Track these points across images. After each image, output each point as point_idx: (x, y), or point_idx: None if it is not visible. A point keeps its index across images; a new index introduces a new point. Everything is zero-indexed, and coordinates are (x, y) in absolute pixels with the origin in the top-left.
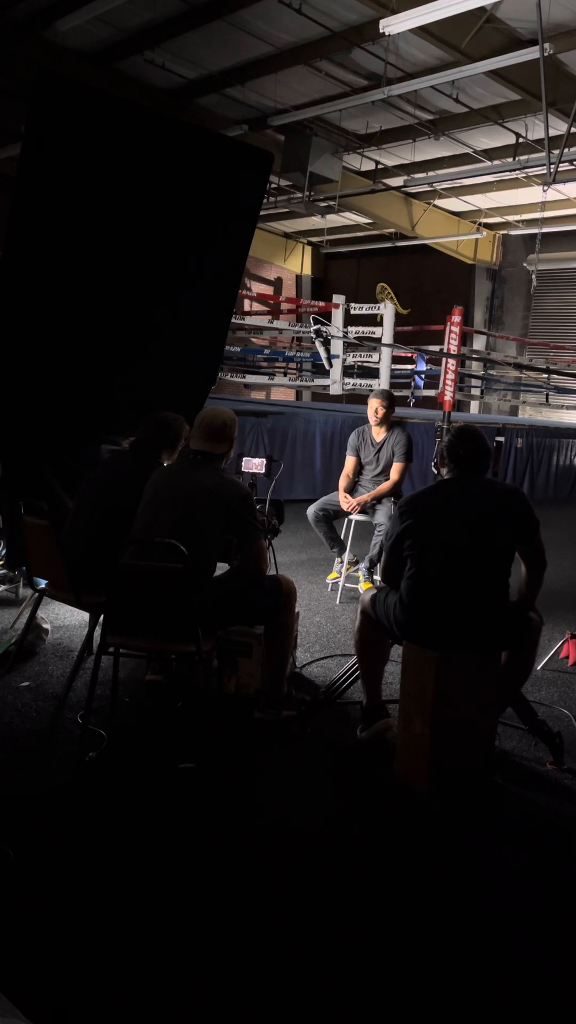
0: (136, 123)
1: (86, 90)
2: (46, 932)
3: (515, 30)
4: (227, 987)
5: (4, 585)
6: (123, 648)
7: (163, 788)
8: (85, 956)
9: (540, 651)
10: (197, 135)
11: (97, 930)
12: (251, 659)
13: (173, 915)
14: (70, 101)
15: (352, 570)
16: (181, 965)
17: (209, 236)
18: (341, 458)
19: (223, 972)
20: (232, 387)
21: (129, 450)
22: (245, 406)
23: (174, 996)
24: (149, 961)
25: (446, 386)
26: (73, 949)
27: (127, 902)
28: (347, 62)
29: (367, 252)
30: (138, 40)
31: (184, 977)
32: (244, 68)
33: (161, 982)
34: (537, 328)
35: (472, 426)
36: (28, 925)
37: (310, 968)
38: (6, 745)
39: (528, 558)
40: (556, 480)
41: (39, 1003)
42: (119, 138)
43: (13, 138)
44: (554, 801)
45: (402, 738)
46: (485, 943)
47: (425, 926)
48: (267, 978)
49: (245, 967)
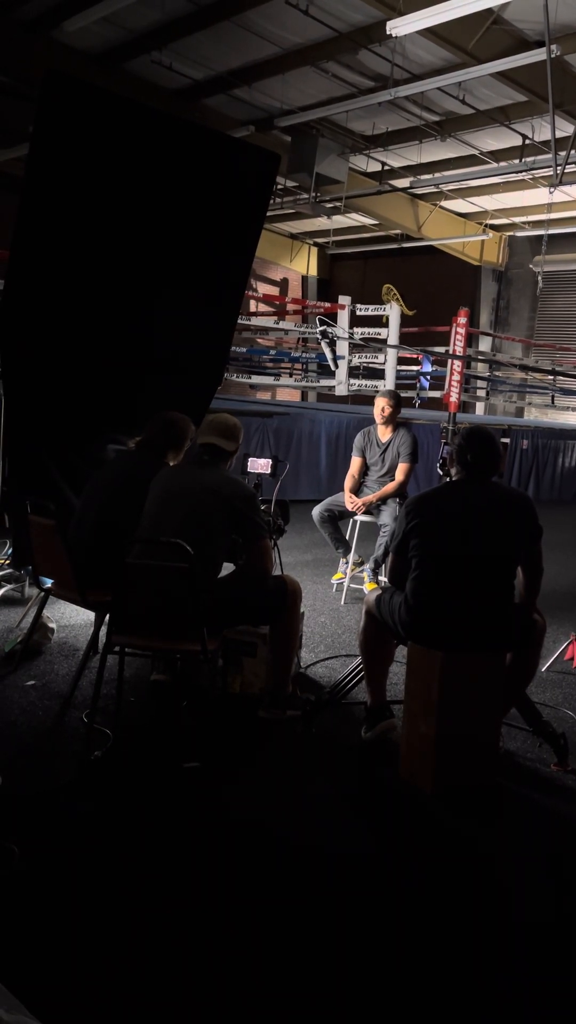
0: (143, 124)
1: (93, 91)
2: (51, 929)
3: (522, 31)
4: (230, 985)
5: (10, 584)
6: (128, 647)
7: (168, 787)
8: (90, 954)
9: (545, 652)
10: (203, 136)
11: (102, 928)
12: (256, 659)
13: (177, 913)
14: (77, 102)
15: (357, 571)
16: (185, 963)
17: (215, 237)
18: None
19: (226, 970)
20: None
21: (135, 450)
22: (251, 406)
23: (177, 994)
24: (153, 959)
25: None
26: (78, 946)
27: (132, 900)
28: (354, 63)
29: (373, 253)
30: (145, 41)
31: (187, 974)
32: (251, 69)
33: (165, 980)
34: (543, 329)
35: (483, 428)
36: (34, 922)
37: (312, 967)
38: (12, 743)
39: (527, 564)
40: (562, 481)
41: (45, 999)
42: (126, 139)
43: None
44: (558, 802)
45: (407, 738)
46: (489, 944)
47: (429, 927)
48: (269, 977)
49: (248, 965)
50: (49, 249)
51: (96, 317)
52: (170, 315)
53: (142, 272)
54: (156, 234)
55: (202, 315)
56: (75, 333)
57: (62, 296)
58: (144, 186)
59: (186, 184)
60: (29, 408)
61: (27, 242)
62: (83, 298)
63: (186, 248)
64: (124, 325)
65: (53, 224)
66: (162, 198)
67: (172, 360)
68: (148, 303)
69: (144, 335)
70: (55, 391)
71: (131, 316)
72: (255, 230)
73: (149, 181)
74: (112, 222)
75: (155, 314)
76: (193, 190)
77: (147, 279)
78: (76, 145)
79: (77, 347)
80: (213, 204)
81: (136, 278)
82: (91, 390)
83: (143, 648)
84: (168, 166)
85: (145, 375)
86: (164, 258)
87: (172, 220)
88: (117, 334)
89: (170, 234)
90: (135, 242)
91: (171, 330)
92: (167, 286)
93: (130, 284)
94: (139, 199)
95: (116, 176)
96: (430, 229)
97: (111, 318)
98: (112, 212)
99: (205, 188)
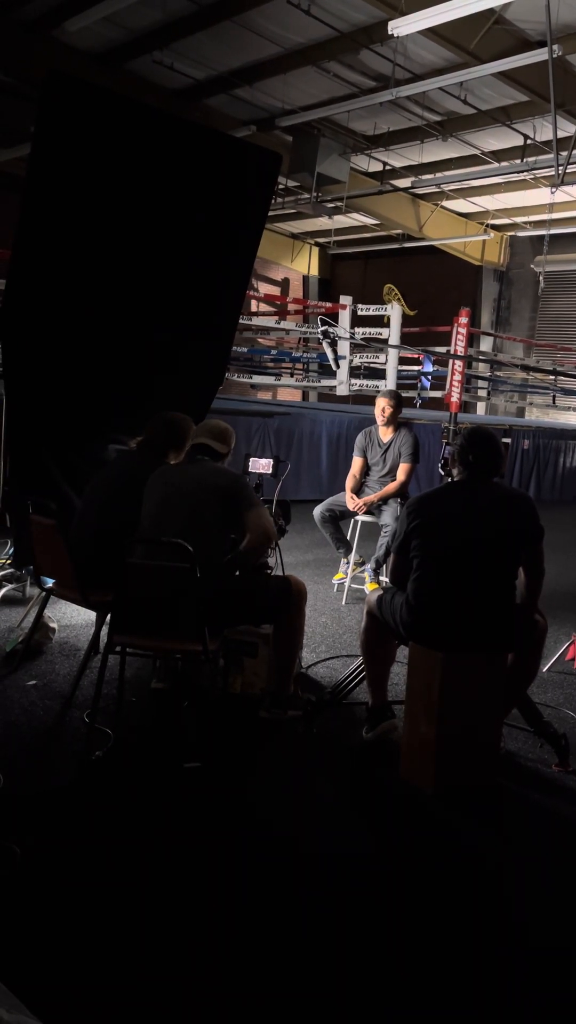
0: (144, 124)
1: (95, 91)
2: (52, 929)
3: (524, 31)
4: (230, 984)
5: (11, 584)
6: (129, 647)
7: (168, 787)
8: (91, 953)
9: (546, 653)
10: (205, 136)
11: (102, 928)
12: (257, 659)
13: (178, 913)
14: (79, 102)
15: (358, 571)
16: (185, 962)
17: (217, 236)
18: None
19: (226, 970)
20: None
21: (136, 450)
22: (252, 406)
23: (177, 993)
24: (153, 958)
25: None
26: (79, 946)
27: (132, 900)
28: (355, 63)
29: (374, 253)
30: (147, 41)
31: (187, 974)
32: (252, 69)
33: (165, 979)
34: (544, 330)
35: (485, 428)
36: (34, 922)
37: (313, 967)
38: (13, 743)
39: (528, 564)
40: (563, 481)
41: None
42: (127, 139)
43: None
44: (559, 802)
45: (408, 738)
46: (490, 944)
47: (429, 927)
48: (269, 976)
49: (248, 965)
50: (50, 249)
51: (97, 317)
52: (171, 315)
53: (143, 272)
54: (157, 234)
55: (203, 315)
56: (76, 333)
57: (63, 296)
58: (145, 186)
59: (187, 184)
60: (30, 408)
61: (29, 242)
62: (84, 298)
63: (187, 248)
64: (125, 325)
65: (54, 224)
66: (163, 198)
67: (173, 360)
68: (149, 303)
69: (145, 335)
70: (56, 391)
71: (132, 316)
72: (257, 230)
73: (150, 181)
74: (114, 222)
75: (156, 314)
76: (194, 190)
77: (148, 279)
78: (77, 145)
79: (78, 347)
80: (214, 204)
81: (137, 278)
82: (92, 390)
83: (144, 648)
84: (169, 166)
85: (146, 375)
86: (165, 258)
87: (173, 220)
88: (118, 334)
89: (171, 234)
90: (136, 242)
91: (172, 330)
92: (168, 286)
93: (131, 284)
94: (140, 199)
95: (118, 176)
96: (431, 229)
97: (112, 318)
98: (114, 212)
99: (206, 188)
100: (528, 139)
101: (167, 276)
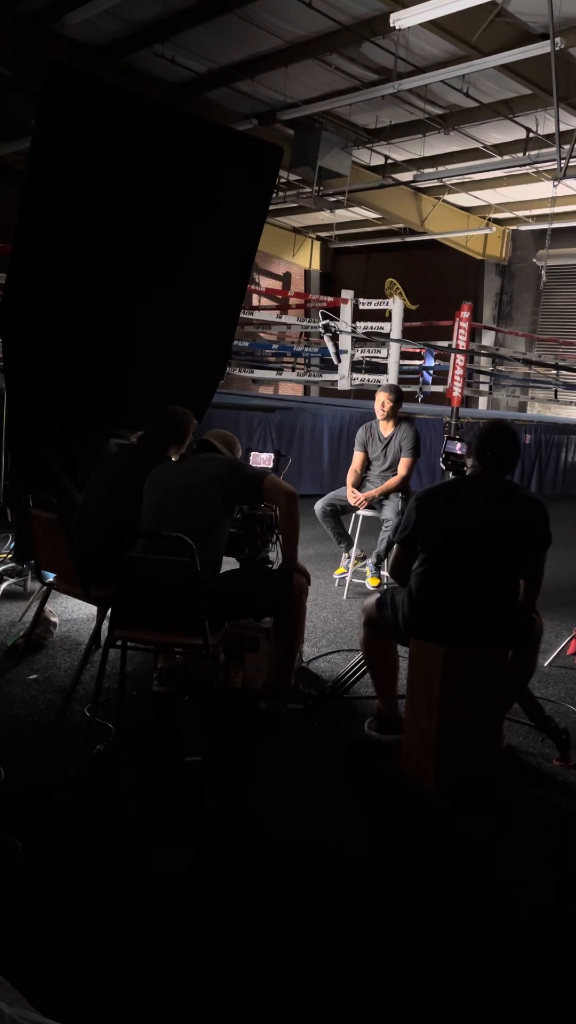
0: (145, 117)
1: (95, 84)
2: (53, 923)
3: (526, 24)
4: (230, 979)
5: (13, 578)
6: (131, 641)
7: (170, 781)
8: (92, 947)
9: (547, 648)
10: (206, 129)
11: (103, 921)
12: (258, 653)
13: (178, 907)
14: (79, 95)
15: (359, 565)
16: (185, 956)
17: (218, 230)
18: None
19: (226, 964)
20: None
21: (137, 444)
22: (253, 401)
23: (177, 987)
24: (154, 952)
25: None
26: (80, 940)
27: (133, 894)
28: (357, 56)
29: (376, 247)
30: (147, 34)
31: (187, 968)
32: (253, 62)
33: (165, 973)
34: (546, 324)
35: (506, 423)
36: (35, 916)
37: (313, 962)
38: (14, 737)
39: (529, 568)
40: (565, 476)
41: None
42: (128, 132)
43: (22, 132)
44: (560, 797)
45: (409, 733)
46: (491, 940)
47: (430, 922)
48: (269, 971)
49: (248, 959)
50: (51, 243)
51: (98, 310)
52: (172, 309)
53: (144, 265)
54: (158, 228)
55: (204, 309)
56: (77, 327)
57: (64, 290)
58: (146, 180)
59: (189, 178)
60: (31, 402)
61: (29, 236)
62: (85, 291)
63: (188, 241)
64: (126, 318)
65: (55, 218)
66: (165, 192)
67: (174, 354)
68: (150, 296)
69: (146, 328)
70: (57, 385)
71: (133, 309)
72: (258, 224)
73: (151, 175)
74: (114, 215)
75: (157, 308)
76: (196, 184)
77: (149, 272)
78: (78, 138)
79: (79, 341)
80: (216, 198)
81: (138, 271)
82: (93, 384)
83: (145, 642)
84: (171, 159)
85: (147, 369)
86: (166, 251)
87: (174, 213)
88: (119, 327)
89: (172, 227)
90: (137, 235)
91: (173, 324)
92: (169, 279)
93: (132, 277)
94: (141, 193)
95: (118, 169)
96: (433, 223)
97: (113, 311)
98: (114, 205)
99: (208, 182)
100: (530, 132)
101: (168, 270)
